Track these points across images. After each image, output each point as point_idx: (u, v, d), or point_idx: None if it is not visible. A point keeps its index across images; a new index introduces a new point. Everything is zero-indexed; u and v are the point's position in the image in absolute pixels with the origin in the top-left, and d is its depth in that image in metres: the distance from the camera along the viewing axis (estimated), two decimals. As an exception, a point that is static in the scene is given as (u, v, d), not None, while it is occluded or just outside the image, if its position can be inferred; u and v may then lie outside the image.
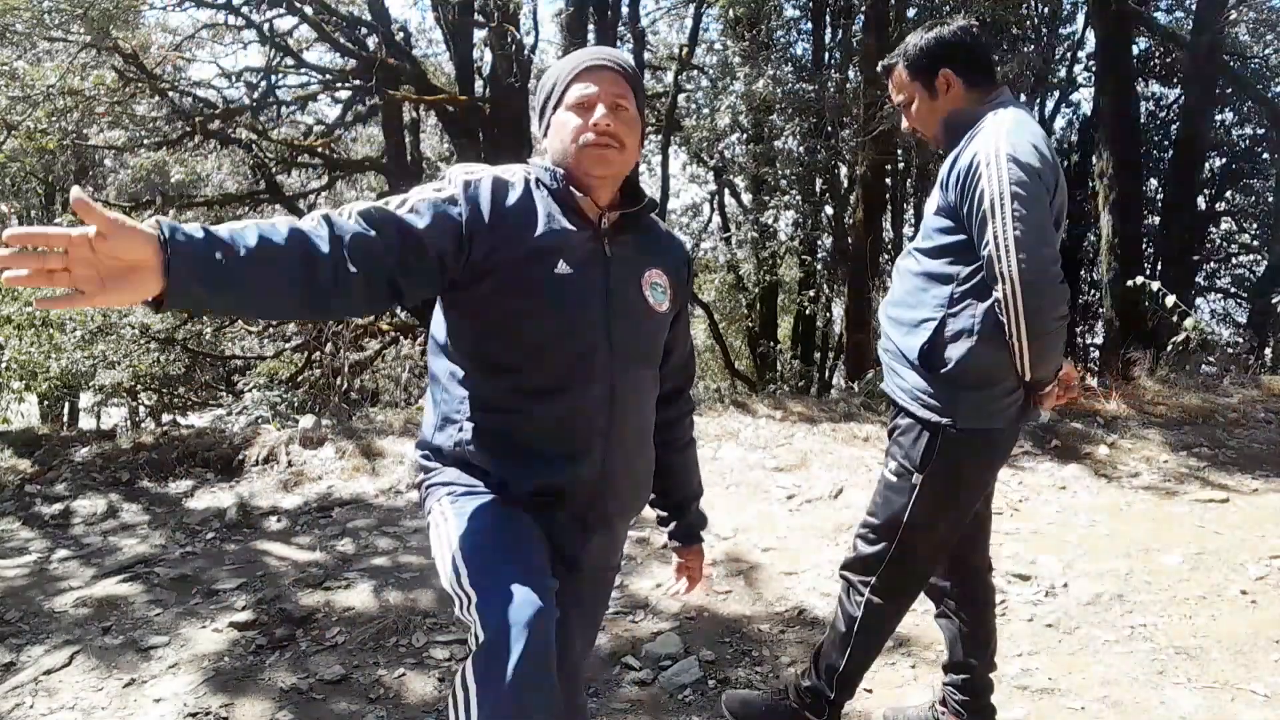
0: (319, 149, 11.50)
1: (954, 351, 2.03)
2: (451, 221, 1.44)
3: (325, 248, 1.28)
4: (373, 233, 1.35)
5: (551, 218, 1.53)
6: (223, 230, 1.20)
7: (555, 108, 1.57)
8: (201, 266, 1.15)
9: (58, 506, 4.82)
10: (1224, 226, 15.21)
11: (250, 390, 11.14)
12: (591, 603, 1.74)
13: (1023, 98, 13.40)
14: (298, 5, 10.84)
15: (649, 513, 1.99)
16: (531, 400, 1.52)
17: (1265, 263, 12.82)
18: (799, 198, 12.40)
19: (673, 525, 1.87)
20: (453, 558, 1.45)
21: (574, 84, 1.54)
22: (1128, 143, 8.50)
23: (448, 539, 1.49)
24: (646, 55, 14.57)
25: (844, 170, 12.46)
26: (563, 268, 1.50)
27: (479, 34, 11.41)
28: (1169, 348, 6.32)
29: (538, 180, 1.57)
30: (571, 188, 1.55)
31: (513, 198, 1.53)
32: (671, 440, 1.82)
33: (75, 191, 1.09)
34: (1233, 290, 14.72)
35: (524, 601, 1.33)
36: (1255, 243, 14.25)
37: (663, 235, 1.72)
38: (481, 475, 1.57)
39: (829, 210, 13.07)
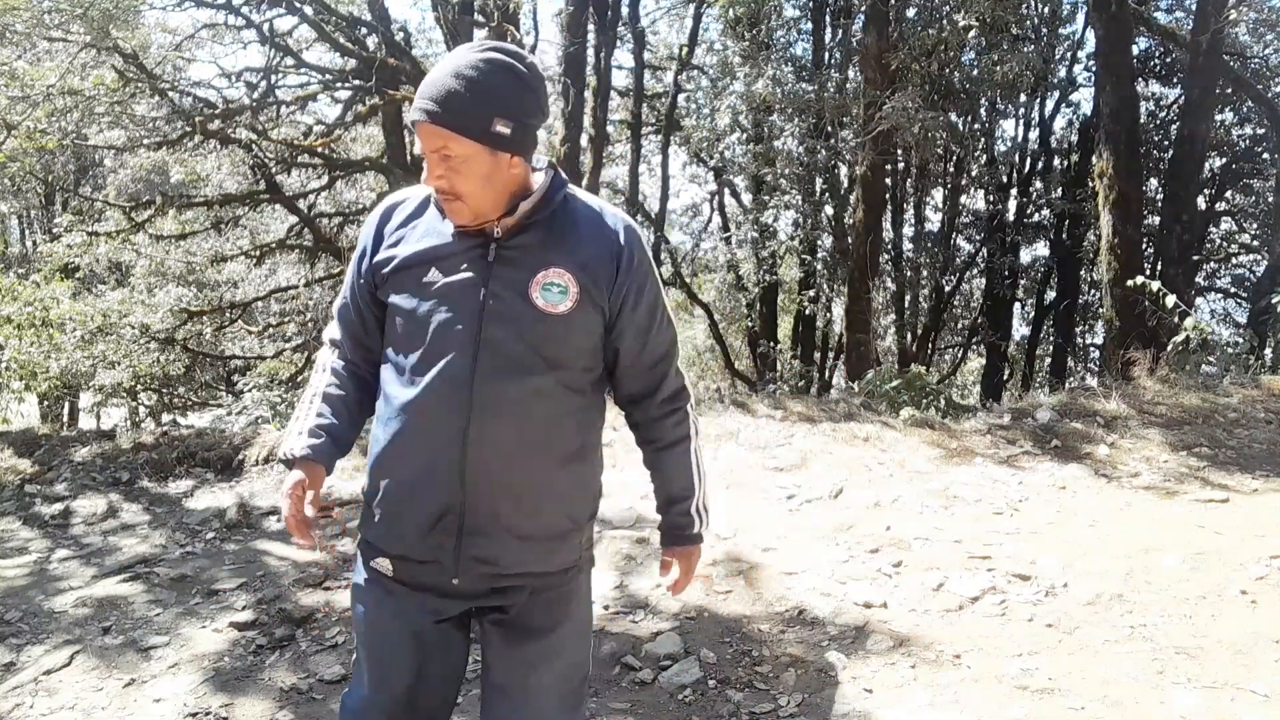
0: (319, 149, 11.49)
1: None
2: (360, 274, 1.66)
3: (357, 378, 1.73)
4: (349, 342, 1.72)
5: (433, 230, 1.59)
6: (325, 421, 1.66)
7: None
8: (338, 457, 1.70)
9: (58, 506, 4.82)
10: (1224, 226, 15.21)
11: (250, 390, 11.15)
12: (536, 631, 1.65)
13: (1023, 98, 13.41)
14: (298, 5, 10.84)
15: (648, 513, 1.99)
16: (404, 397, 1.57)
17: (1265, 263, 12.82)
18: (799, 198, 12.40)
19: (661, 526, 1.82)
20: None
21: (416, 130, 1.54)
22: (1128, 143, 8.49)
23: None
24: (646, 55, 14.57)
25: (844, 170, 12.46)
26: (433, 275, 1.55)
27: (479, 34, 11.40)
28: (1169, 348, 6.31)
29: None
30: None
31: (400, 216, 1.64)
32: (652, 441, 1.76)
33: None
34: (1233, 290, 14.72)
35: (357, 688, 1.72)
36: (1255, 243, 14.24)
37: (583, 226, 1.61)
38: (368, 526, 1.68)
39: (829, 210, 13.08)
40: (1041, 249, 15.17)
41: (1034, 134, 14.49)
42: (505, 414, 1.53)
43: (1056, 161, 14.72)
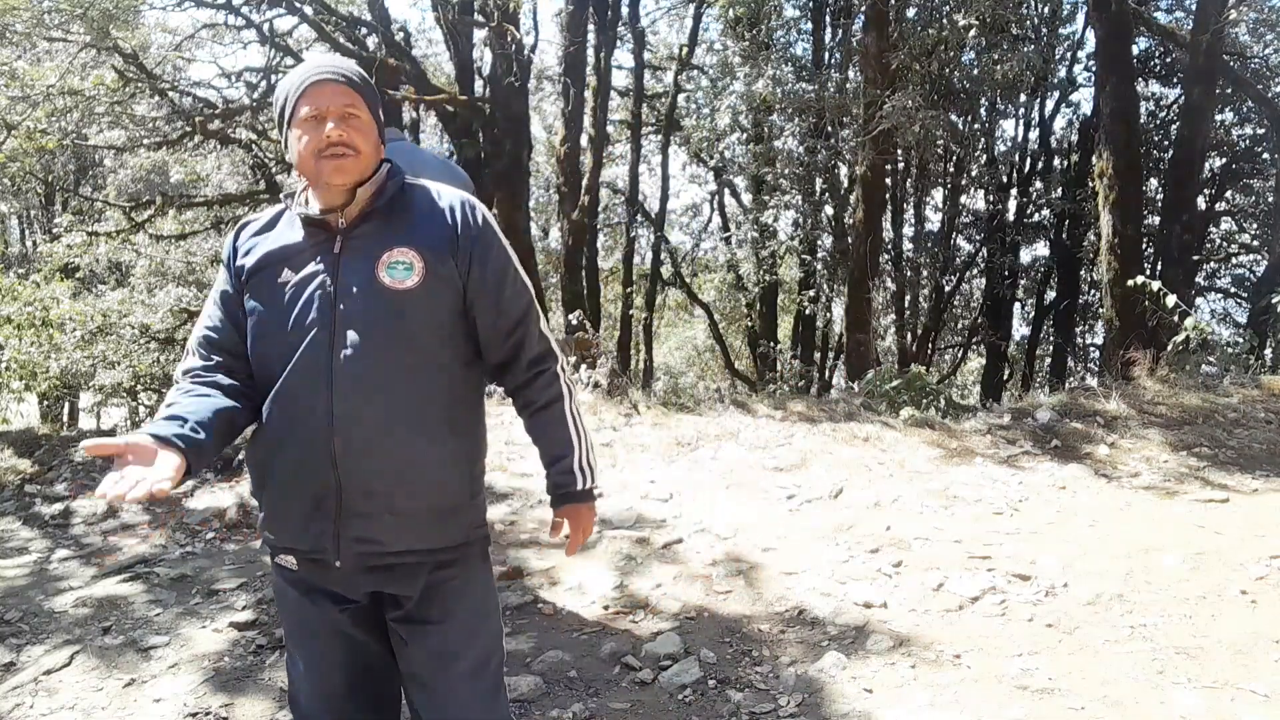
0: (319, 149, 11.47)
1: None
2: (229, 288, 1.72)
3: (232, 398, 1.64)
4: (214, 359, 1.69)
5: (283, 235, 1.69)
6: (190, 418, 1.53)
7: (289, 124, 1.65)
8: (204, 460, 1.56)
9: (58, 506, 4.82)
10: (1224, 226, 15.20)
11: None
12: (443, 613, 1.69)
13: (1023, 98, 13.41)
14: (298, 5, 10.84)
15: (648, 513, 1.99)
16: (274, 390, 1.63)
17: (1265, 263, 12.82)
18: (799, 198, 12.41)
19: (548, 488, 1.83)
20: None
21: (302, 100, 1.62)
22: (1128, 143, 8.49)
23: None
24: (646, 55, 14.56)
25: (844, 170, 12.46)
26: (285, 274, 1.65)
27: (479, 34, 11.40)
28: (1169, 348, 6.31)
29: (288, 208, 1.73)
30: (308, 205, 1.68)
31: (250, 230, 1.74)
32: (528, 405, 1.80)
33: (87, 444, 1.42)
34: (1233, 290, 14.72)
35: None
36: (1255, 243, 14.24)
37: (421, 207, 1.70)
38: (263, 523, 1.73)
39: (829, 210, 13.08)
40: (1041, 249, 15.18)
41: (1034, 134, 14.50)
42: (368, 392, 1.59)
43: (1056, 161, 14.72)
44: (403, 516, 1.63)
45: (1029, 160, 14.53)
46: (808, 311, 13.90)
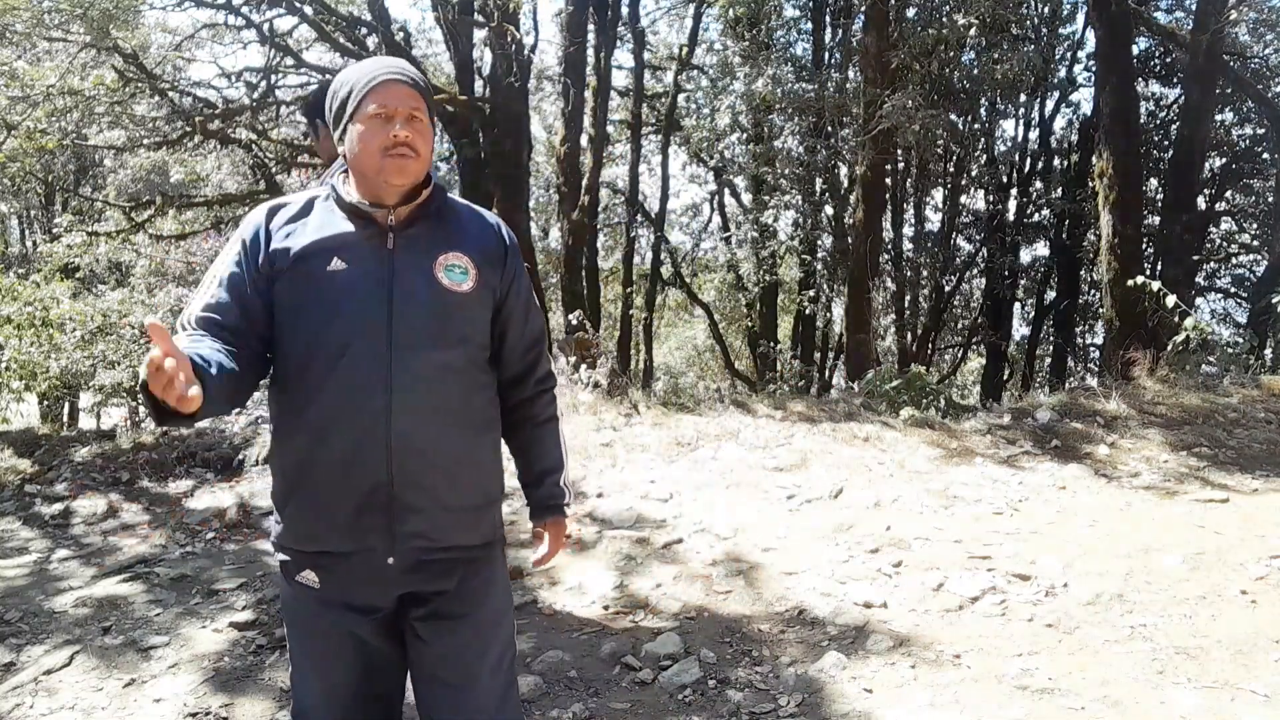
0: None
1: None
2: (246, 270, 1.64)
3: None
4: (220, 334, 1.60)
5: (328, 224, 1.66)
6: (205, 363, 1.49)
7: (351, 119, 1.64)
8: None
9: (58, 506, 4.82)
10: (1224, 226, 15.20)
11: (250, 390, 11.13)
12: (471, 607, 1.70)
13: (1023, 98, 13.40)
14: (298, 5, 10.83)
15: (648, 513, 2.00)
16: (317, 384, 1.60)
17: (1265, 263, 12.82)
18: (799, 198, 12.41)
19: (531, 499, 1.89)
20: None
21: (369, 97, 1.62)
22: (1128, 143, 8.49)
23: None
24: (646, 55, 14.56)
25: (844, 170, 12.46)
26: (336, 264, 1.62)
27: (479, 34, 11.40)
28: (1169, 348, 6.31)
29: (325, 195, 1.70)
30: (354, 195, 1.66)
31: (285, 215, 1.68)
32: (529, 419, 1.85)
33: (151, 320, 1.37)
34: (1233, 290, 14.71)
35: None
36: (1255, 243, 14.24)
37: (464, 219, 1.75)
38: (289, 530, 1.69)
39: (829, 210, 13.07)
40: (1041, 249, 15.18)
41: (1034, 134, 14.50)
42: (423, 388, 1.62)
43: (1056, 161, 14.71)
44: (452, 512, 1.67)
45: (1029, 160, 14.53)
46: (808, 311, 13.89)
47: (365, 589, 1.66)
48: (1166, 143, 12.97)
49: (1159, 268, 10.48)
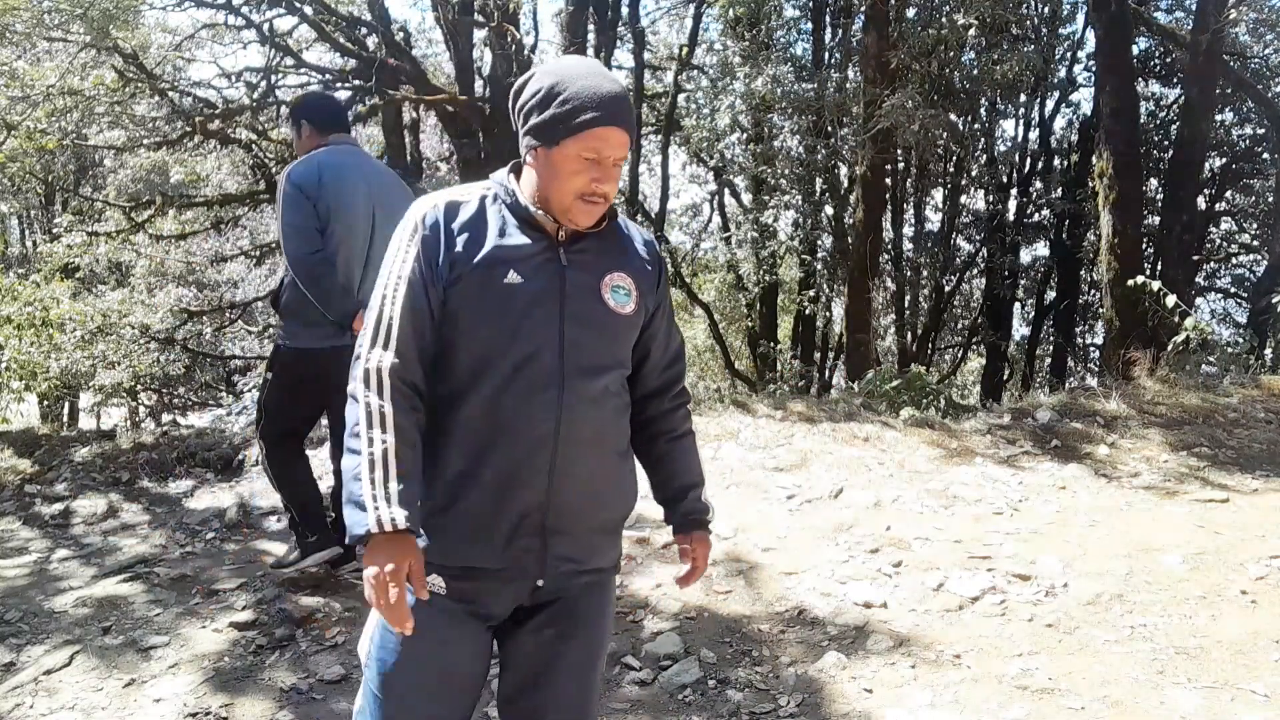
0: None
1: (284, 297, 3.36)
2: (427, 272, 1.56)
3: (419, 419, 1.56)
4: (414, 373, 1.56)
5: (504, 231, 1.59)
6: (408, 477, 1.50)
7: (554, 142, 1.56)
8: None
9: (58, 506, 4.82)
10: (1224, 226, 15.20)
11: (250, 390, 11.15)
12: (586, 621, 1.68)
13: (1023, 98, 13.38)
14: (298, 5, 10.83)
15: (648, 513, 2.00)
16: (485, 404, 1.55)
17: (1265, 263, 12.82)
18: (799, 198, 12.40)
19: (674, 515, 1.83)
20: (371, 635, 1.63)
21: (584, 138, 1.54)
22: (1128, 143, 8.48)
23: (369, 643, 1.64)
24: (646, 55, 14.56)
25: (844, 170, 12.46)
26: (513, 277, 1.56)
27: (479, 34, 11.40)
28: (1169, 348, 6.31)
29: (494, 196, 1.63)
30: (529, 206, 1.60)
31: (464, 215, 1.60)
32: (666, 432, 1.81)
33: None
34: (1233, 290, 14.72)
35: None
36: (1255, 243, 14.24)
37: (626, 236, 1.72)
38: (435, 542, 1.60)
39: (829, 210, 13.07)
40: (1041, 249, 15.18)
41: (1034, 134, 14.49)
42: (587, 412, 1.59)
43: (1056, 161, 14.71)
44: (596, 534, 1.67)
45: (1029, 160, 14.52)
46: (808, 311, 13.89)
47: (497, 601, 1.63)
48: (1166, 143, 12.96)
49: (1159, 268, 10.47)
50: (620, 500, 1.72)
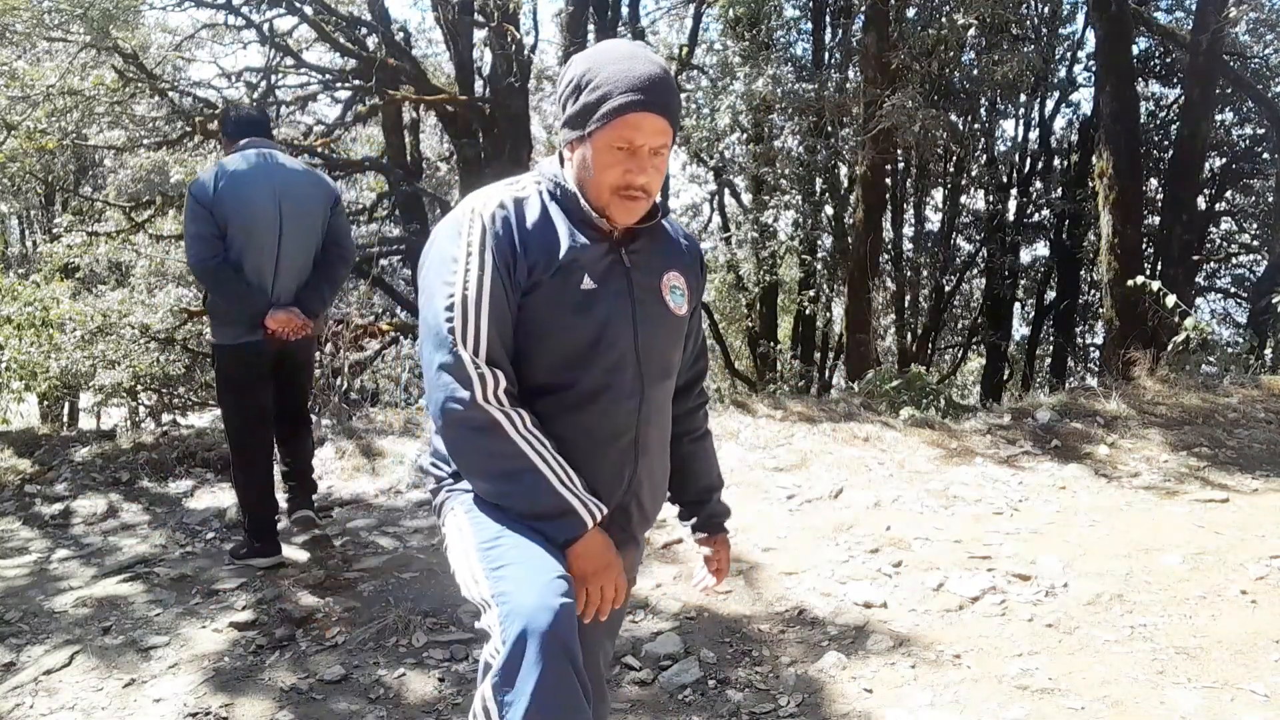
0: (319, 149, 11.49)
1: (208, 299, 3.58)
2: (507, 278, 1.46)
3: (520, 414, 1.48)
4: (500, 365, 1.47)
5: (571, 233, 1.50)
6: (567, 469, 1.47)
7: (588, 134, 1.46)
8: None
9: (58, 506, 4.81)
10: (1224, 226, 15.21)
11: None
12: (616, 616, 1.75)
13: (1023, 98, 13.37)
14: (298, 5, 10.84)
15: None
16: (566, 415, 1.51)
17: (1265, 263, 12.82)
18: (799, 198, 12.40)
19: (696, 517, 1.81)
20: (471, 567, 1.46)
21: (616, 126, 1.43)
22: (1128, 143, 8.49)
23: (464, 550, 1.49)
24: (646, 55, 14.54)
25: (844, 170, 12.46)
26: (588, 283, 1.49)
27: (479, 34, 11.40)
28: (1169, 348, 6.31)
29: (550, 193, 1.53)
30: (584, 204, 1.51)
31: (532, 215, 1.50)
32: (689, 431, 1.78)
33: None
34: (1233, 290, 14.72)
35: (544, 608, 1.33)
36: (1255, 243, 14.25)
37: (673, 236, 1.67)
38: None
39: (829, 210, 13.07)
40: (1041, 249, 15.19)
41: (1034, 134, 14.51)
42: (656, 418, 1.60)
43: (1056, 161, 14.72)
44: (649, 526, 1.71)
45: (1029, 160, 14.53)
46: (808, 311, 13.90)
47: None
48: (1166, 143, 12.97)
49: (1159, 268, 10.47)
50: (664, 493, 1.74)
